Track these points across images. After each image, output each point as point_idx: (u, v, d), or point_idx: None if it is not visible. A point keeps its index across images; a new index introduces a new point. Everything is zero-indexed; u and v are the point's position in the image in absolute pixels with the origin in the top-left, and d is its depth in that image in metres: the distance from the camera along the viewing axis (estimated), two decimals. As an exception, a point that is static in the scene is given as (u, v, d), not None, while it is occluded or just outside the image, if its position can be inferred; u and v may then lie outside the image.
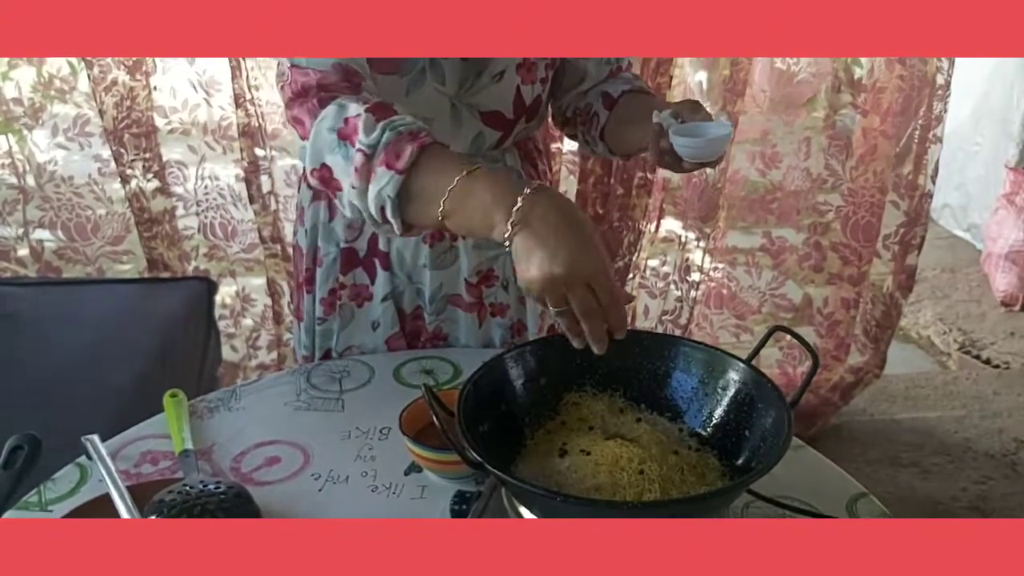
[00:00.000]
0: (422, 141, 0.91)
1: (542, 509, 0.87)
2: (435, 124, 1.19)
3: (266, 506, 0.98)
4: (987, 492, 2.28)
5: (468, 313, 1.35)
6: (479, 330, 1.36)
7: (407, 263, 1.31)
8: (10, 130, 2.07)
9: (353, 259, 1.33)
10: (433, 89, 1.17)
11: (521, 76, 1.22)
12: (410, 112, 1.09)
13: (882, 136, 2.17)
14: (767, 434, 0.91)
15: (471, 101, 1.21)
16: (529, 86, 1.24)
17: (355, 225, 1.31)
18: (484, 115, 1.22)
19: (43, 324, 1.90)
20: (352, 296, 1.35)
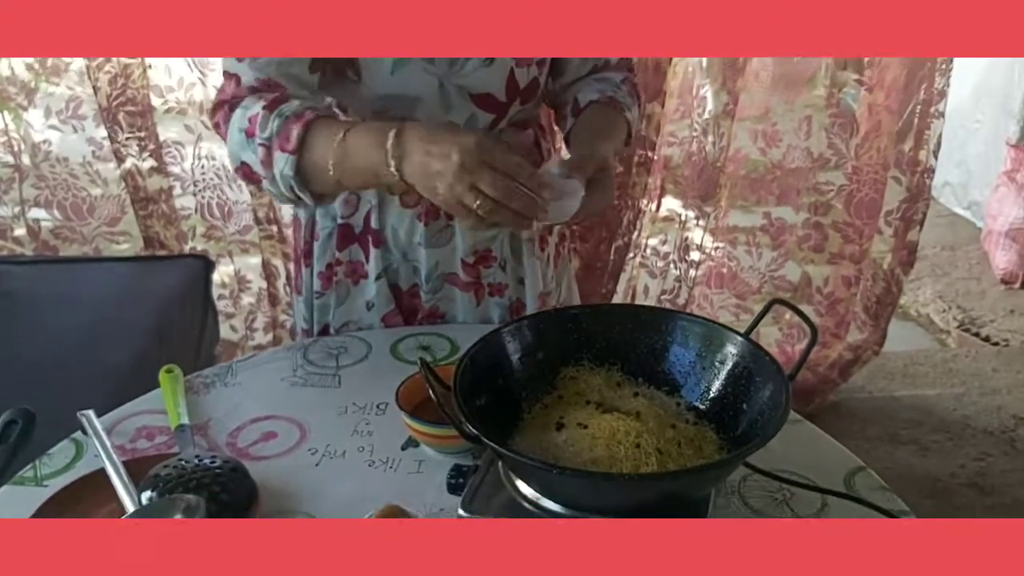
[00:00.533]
0: (306, 120, 1.02)
1: (539, 482, 0.87)
2: (423, 104, 1.18)
3: (262, 481, 0.98)
4: (986, 469, 2.29)
5: (465, 292, 1.34)
6: (476, 309, 1.35)
7: (401, 240, 1.30)
8: (5, 107, 2.06)
9: (349, 235, 1.32)
10: (421, 68, 1.15)
11: (516, 58, 1.20)
12: (396, 91, 1.13)
13: (886, 111, 2.16)
14: (765, 407, 0.90)
15: (461, 83, 1.18)
16: (524, 69, 1.21)
17: (351, 201, 1.29)
18: (475, 97, 1.20)
19: (40, 302, 1.89)
20: (348, 272, 1.34)
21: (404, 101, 1.18)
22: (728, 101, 2.14)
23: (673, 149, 2.27)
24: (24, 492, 1.00)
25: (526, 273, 1.34)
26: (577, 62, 1.28)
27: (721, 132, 2.17)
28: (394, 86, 1.16)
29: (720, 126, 2.17)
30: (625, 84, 1.28)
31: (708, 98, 2.18)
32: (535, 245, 1.34)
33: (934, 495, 2.19)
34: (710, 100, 2.18)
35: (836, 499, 0.97)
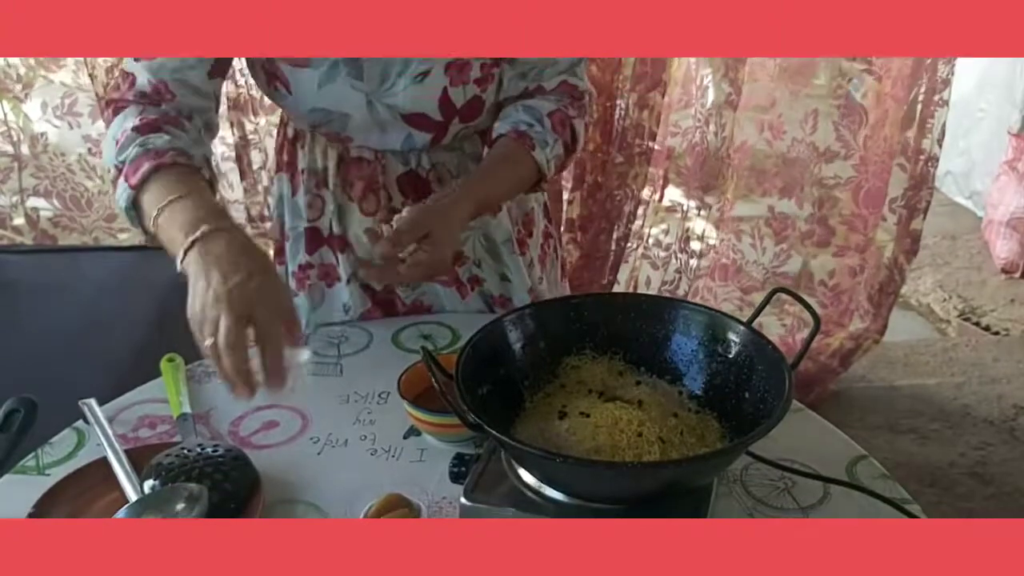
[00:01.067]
0: (156, 164, 0.98)
1: (541, 471, 0.87)
2: (355, 121, 1.17)
3: (265, 470, 0.98)
4: (986, 458, 2.29)
5: (447, 288, 1.33)
6: (462, 301, 1.35)
7: (366, 245, 1.25)
8: (4, 97, 2.05)
9: (318, 238, 1.31)
10: (348, 85, 1.12)
11: (450, 77, 1.14)
12: (325, 107, 1.13)
13: (892, 100, 2.15)
14: (767, 396, 0.90)
15: (390, 102, 1.14)
16: (460, 88, 1.15)
17: (316, 204, 1.29)
18: (406, 117, 1.16)
19: (40, 292, 1.89)
20: (322, 275, 1.33)
21: (335, 117, 1.17)
22: (731, 91, 2.13)
23: (676, 139, 2.26)
24: (26, 481, 1.00)
25: (510, 270, 1.33)
26: (509, 84, 1.20)
27: (723, 122, 2.17)
28: (322, 102, 1.14)
29: (722, 116, 2.16)
30: (553, 116, 1.18)
31: (710, 88, 2.17)
32: (512, 245, 1.32)
33: (934, 484, 2.19)
34: (712, 90, 2.18)
35: (838, 487, 0.97)
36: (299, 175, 1.29)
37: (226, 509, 0.92)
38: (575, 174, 2.25)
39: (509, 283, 1.35)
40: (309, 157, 1.27)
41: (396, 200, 1.26)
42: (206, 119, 1.13)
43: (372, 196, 1.26)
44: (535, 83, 1.20)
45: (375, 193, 1.26)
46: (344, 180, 1.26)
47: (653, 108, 2.13)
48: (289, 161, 1.30)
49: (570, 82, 1.22)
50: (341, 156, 1.25)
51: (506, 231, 1.32)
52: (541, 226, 1.40)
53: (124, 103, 1.09)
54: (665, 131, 2.24)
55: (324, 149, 1.26)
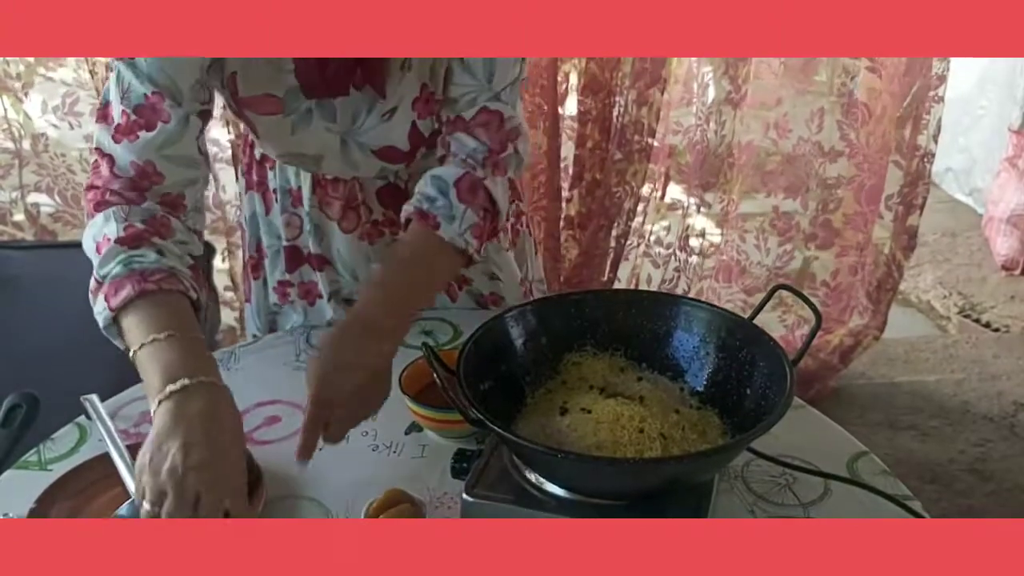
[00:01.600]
0: (143, 288, 0.91)
1: (543, 467, 0.87)
2: (327, 160, 1.16)
3: (266, 465, 0.98)
4: (985, 454, 2.29)
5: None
6: (452, 303, 1.35)
7: (349, 262, 1.28)
8: (4, 94, 2.05)
9: (298, 256, 1.30)
10: (323, 128, 1.12)
11: (418, 111, 1.12)
12: (297, 150, 1.11)
13: (888, 96, 2.15)
14: (768, 392, 0.90)
15: (361, 140, 1.14)
16: (428, 120, 1.14)
17: (294, 223, 1.28)
18: (376, 151, 1.16)
19: (41, 287, 1.89)
20: (303, 293, 1.33)
21: (307, 159, 1.16)
22: (731, 89, 2.13)
23: (678, 137, 2.26)
24: (28, 477, 1.00)
25: (499, 267, 1.32)
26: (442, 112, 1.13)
27: (723, 120, 2.17)
28: (294, 145, 1.14)
29: (722, 114, 2.16)
30: (460, 184, 1.06)
31: (711, 85, 2.17)
32: (499, 241, 1.31)
33: (934, 480, 2.19)
34: (712, 87, 2.17)
35: (839, 484, 0.98)
36: (270, 194, 1.27)
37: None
38: (574, 171, 2.25)
39: (499, 282, 1.34)
40: (281, 177, 1.25)
41: (377, 213, 1.25)
42: (196, 195, 1.06)
43: (352, 213, 1.25)
44: (453, 113, 1.10)
45: (355, 210, 1.25)
46: (321, 201, 1.24)
47: (652, 105, 2.13)
48: (259, 181, 1.28)
49: (491, 108, 1.09)
50: (316, 178, 1.23)
51: None
52: (511, 208, 1.33)
53: (106, 195, 1.00)
54: (667, 129, 2.23)
55: (296, 171, 1.24)
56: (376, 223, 1.25)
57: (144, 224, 0.97)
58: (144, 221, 0.98)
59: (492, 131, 1.09)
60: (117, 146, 1.00)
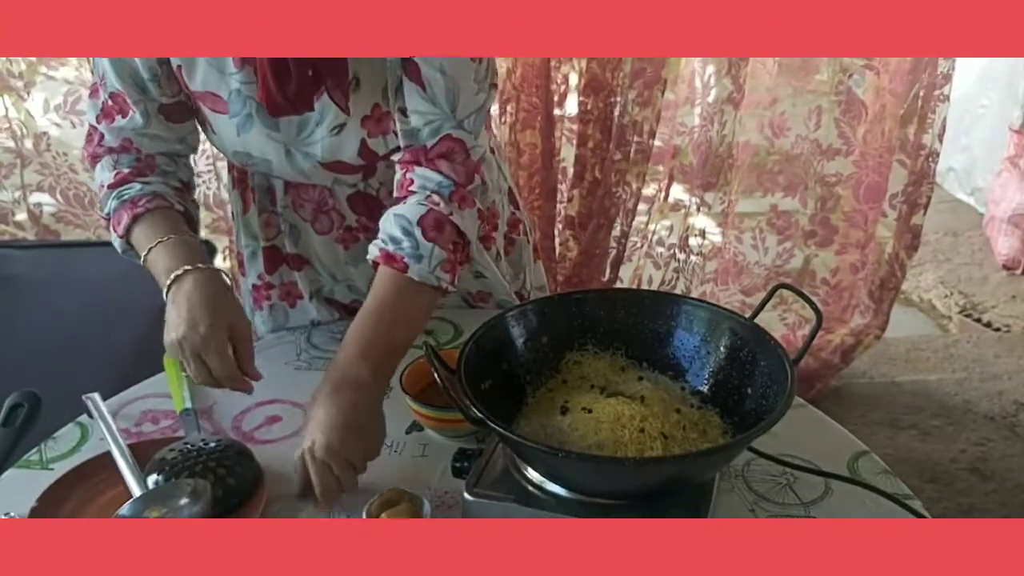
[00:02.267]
0: (135, 213, 1.09)
1: (544, 466, 0.87)
2: (277, 166, 1.15)
3: (267, 464, 0.99)
4: (986, 454, 2.29)
5: None
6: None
7: (327, 263, 1.28)
8: (6, 93, 2.05)
9: (277, 257, 1.30)
10: (264, 135, 1.11)
11: (368, 129, 1.10)
12: (244, 150, 1.14)
13: (891, 95, 2.15)
14: (769, 392, 0.90)
15: (308, 151, 1.12)
16: (380, 138, 1.11)
17: (272, 223, 1.28)
18: (325, 165, 1.14)
19: (43, 287, 1.89)
20: (283, 295, 1.33)
21: (257, 161, 1.16)
22: (732, 88, 2.13)
23: (682, 138, 2.26)
24: (30, 475, 1.00)
25: (483, 266, 1.31)
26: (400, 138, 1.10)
27: (724, 120, 2.17)
28: (243, 147, 1.14)
29: (724, 114, 2.16)
30: (424, 221, 1.04)
31: (713, 86, 2.17)
32: (491, 246, 1.31)
33: (935, 480, 2.19)
34: (713, 88, 2.17)
35: (839, 483, 0.98)
36: (250, 192, 1.27)
37: (229, 504, 0.93)
38: (575, 171, 2.25)
39: (485, 279, 1.33)
40: (260, 176, 1.25)
41: (350, 219, 1.24)
42: (177, 156, 1.19)
43: (324, 217, 1.25)
44: (416, 143, 1.07)
45: (327, 214, 1.25)
46: (294, 202, 1.25)
47: (653, 105, 2.13)
48: (239, 178, 1.28)
49: (454, 136, 1.06)
50: (287, 182, 1.23)
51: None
52: (506, 215, 1.36)
53: (98, 156, 1.16)
54: (672, 130, 2.23)
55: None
56: (350, 228, 1.25)
57: (129, 169, 1.14)
58: (130, 166, 1.14)
59: (456, 163, 1.07)
60: (100, 125, 1.15)
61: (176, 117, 1.14)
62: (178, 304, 1.01)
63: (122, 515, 0.88)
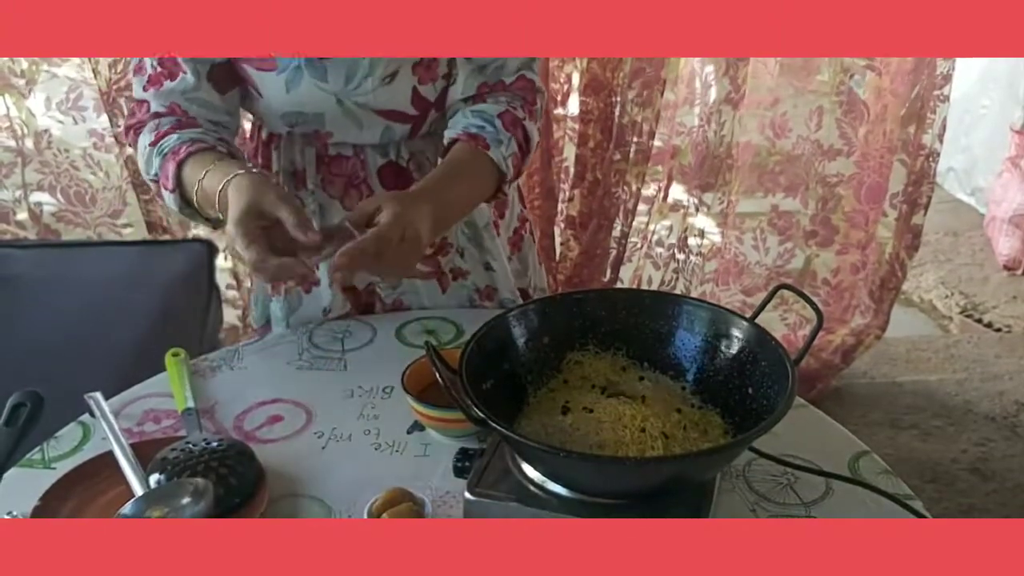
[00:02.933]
0: (179, 159, 1.10)
1: (545, 465, 0.87)
2: (328, 119, 1.17)
3: (269, 464, 0.99)
4: (987, 454, 2.29)
5: (427, 281, 1.32)
6: (444, 296, 1.34)
7: None
8: (7, 91, 2.05)
9: None
10: (313, 87, 1.13)
11: (419, 75, 1.16)
12: (296, 109, 1.15)
13: (892, 95, 2.15)
14: (770, 391, 0.90)
15: (361, 100, 1.15)
16: (429, 85, 1.17)
17: None
18: (380, 112, 1.17)
19: (44, 286, 1.89)
20: (298, 280, 1.32)
21: (309, 116, 1.17)
22: (731, 89, 2.13)
23: (682, 138, 2.26)
24: (32, 475, 1.00)
25: (492, 255, 1.33)
26: (463, 82, 1.19)
27: (723, 121, 2.17)
28: (292, 104, 1.15)
29: (722, 114, 2.16)
30: (503, 116, 1.17)
31: (713, 85, 2.17)
32: (492, 227, 1.32)
33: (935, 480, 2.20)
34: (712, 88, 2.17)
35: (840, 483, 0.98)
36: (273, 177, 1.28)
37: (231, 503, 0.93)
38: (576, 171, 2.26)
39: (493, 272, 1.35)
40: (285, 159, 1.26)
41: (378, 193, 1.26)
42: (222, 126, 1.19)
43: (354, 191, 1.26)
44: (495, 78, 1.19)
45: (356, 188, 1.26)
46: (324, 179, 1.26)
47: (652, 105, 2.13)
48: (264, 164, 1.29)
49: (527, 77, 1.21)
50: (319, 155, 1.24)
51: (485, 214, 1.32)
52: (517, 210, 1.40)
53: (142, 123, 1.17)
54: (671, 130, 2.24)
55: (301, 149, 1.25)
56: None
57: (170, 126, 1.15)
58: (170, 124, 1.15)
59: (527, 92, 1.21)
60: (147, 94, 1.16)
61: (223, 86, 1.16)
62: (232, 199, 1.02)
63: (124, 514, 0.88)
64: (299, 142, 1.25)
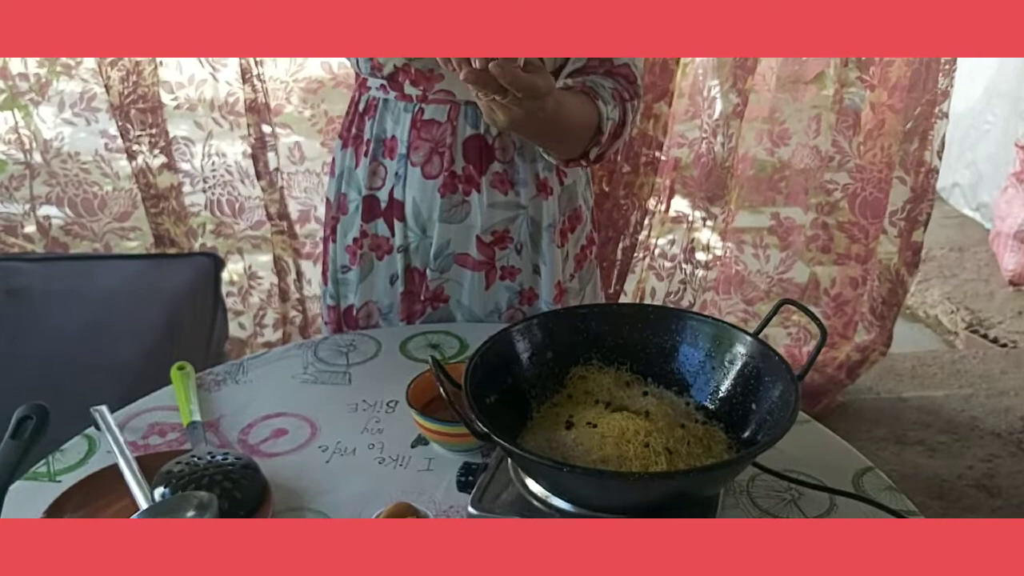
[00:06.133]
0: None
1: (548, 480, 0.87)
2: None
3: (273, 478, 0.99)
4: (993, 470, 2.28)
5: (475, 272, 1.33)
6: (485, 292, 1.34)
7: (422, 216, 1.31)
8: (16, 105, 2.07)
9: (375, 208, 1.34)
10: None
11: None
12: None
13: (890, 111, 2.16)
14: (774, 407, 0.90)
15: None
16: None
17: (378, 172, 1.32)
18: None
19: (51, 299, 1.90)
20: (373, 247, 1.36)
21: None
22: (738, 102, 2.14)
23: (683, 150, 2.27)
24: (37, 488, 1.01)
25: (544, 259, 1.34)
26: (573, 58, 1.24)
27: (730, 133, 2.18)
28: None
29: (729, 127, 2.17)
30: (613, 89, 1.22)
31: (717, 99, 2.18)
32: (555, 233, 1.33)
33: (941, 496, 2.19)
34: (719, 101, 2.18)
35: (844, 499, 0.98)
36: (363, 146, 1.32)
37: (235, 517, 0.93)
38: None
39: (537, 276, 1.36)
40: (378, 127, 1.30)
41: (458, 164, 1.28)
42: None
43: (436, 159, 1.28)
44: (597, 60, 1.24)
45: (439, 155, 1.28)
46: (411, 144, 1.28)
47: (659, 118, 2.14)
48: (356, 135, 1.33)
49: (631, 66, 1.25)
50: (414, 120, 1.27)
51: (552, 215, 1.33)
52: (587, 229, 1.42)
53: None
54: (671, 142, 2.24)
55: (397, 116, 1.28)
56: (454, 175, 1.28)
57: None
58: None
59: (629, 80, 1.25)
60: None
61: None
62: None
63: (129, 527, 0.88)
64: (396, 109, 1.28)
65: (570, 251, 1.39)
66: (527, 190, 1.30)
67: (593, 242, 1.45)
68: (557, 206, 1.33)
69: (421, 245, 1.33)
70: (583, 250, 1.42)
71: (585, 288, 1.44)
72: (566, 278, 1.38)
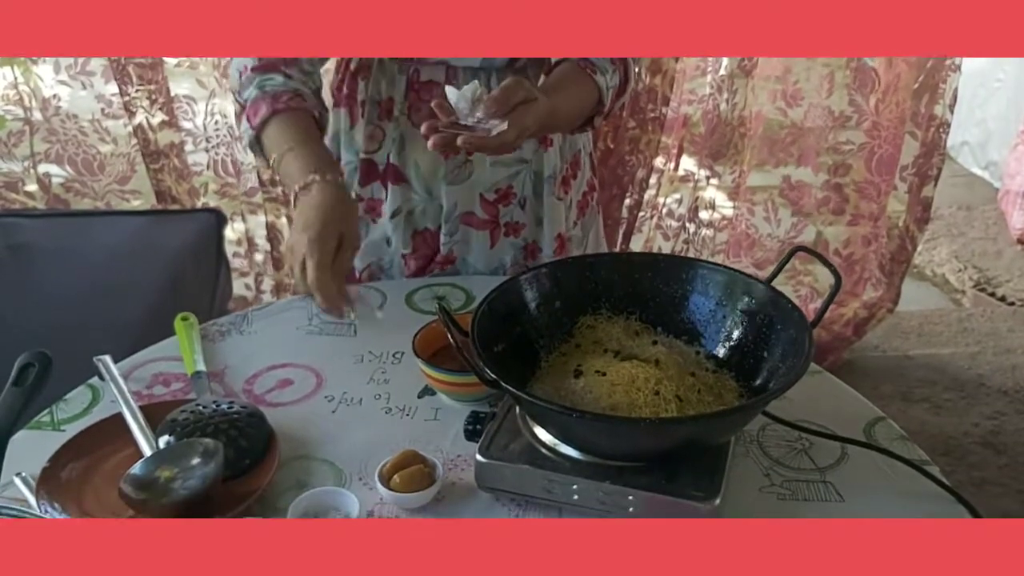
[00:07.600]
0: (274, 109, 1.16)
1: (558, 427, 0.86)
2: None
3: (279, 427, 0.98)
4: (999, 427, 2.28)
5: (481, 231, 1.33)
6: (491, 251, 1.34)
7: (425, 176, 1.30)
8: (15, 61, 2.04)
9: (372, 172, 1.32)
10: None
11: None
12: None
13: (904, 64, 2.12)
14: (786, 354, 0.89)
15: None
16: None
17: (376, 136, 1.30)
18: None
19: (53, 255, 1.89)
20: (367, 209, 1.35)
21: None
22: (743, 58, 2.10)
23: (693, 107, 2.24)
24: (41, 436, 1.00)
25: (545, 212, 1.33)
26: None
27: (735, 89, 2.14)
28: None
29: (734, 84, 2.14)
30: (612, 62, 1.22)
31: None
32: (555, 184, 1.32)
33: (947, 453, 2.19)
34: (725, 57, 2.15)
35: (855, 448, 0.97)
36: (358, 107, 1.30)
37: (242, 465, 0.92)
38: (589, 139, 2.24)
39: (540, 228, 1.35)
40: (373, 88, 1.28)
41: None
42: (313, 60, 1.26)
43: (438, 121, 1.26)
44: None
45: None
46: (411, 106, 1.27)
47: (667, 73, 2.11)
48: (348, 95, 1.31)
49: None
50: (411, 82, 1.25)
51: (553, 165, 1.32)
52: (587, 175, 1.40)
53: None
54: (680, 99, 2.21)
55: (392, 78, 1.27)
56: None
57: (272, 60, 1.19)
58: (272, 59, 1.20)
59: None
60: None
61: None
62: (300, 212, 1.11)
63: (134, 474, 0.87)
64: (390, 71, 1.26)
65: (573, 198, 1.38)
66: (530, 143, 1.28)
67: (594, 188, 1.44)
68: (559, 156, 1.32)
69: (429, 206, 1.32)
70: (584, 196, 1.41)
71: (588, 235, 1.43)
72: (569, 226, 1.37)
